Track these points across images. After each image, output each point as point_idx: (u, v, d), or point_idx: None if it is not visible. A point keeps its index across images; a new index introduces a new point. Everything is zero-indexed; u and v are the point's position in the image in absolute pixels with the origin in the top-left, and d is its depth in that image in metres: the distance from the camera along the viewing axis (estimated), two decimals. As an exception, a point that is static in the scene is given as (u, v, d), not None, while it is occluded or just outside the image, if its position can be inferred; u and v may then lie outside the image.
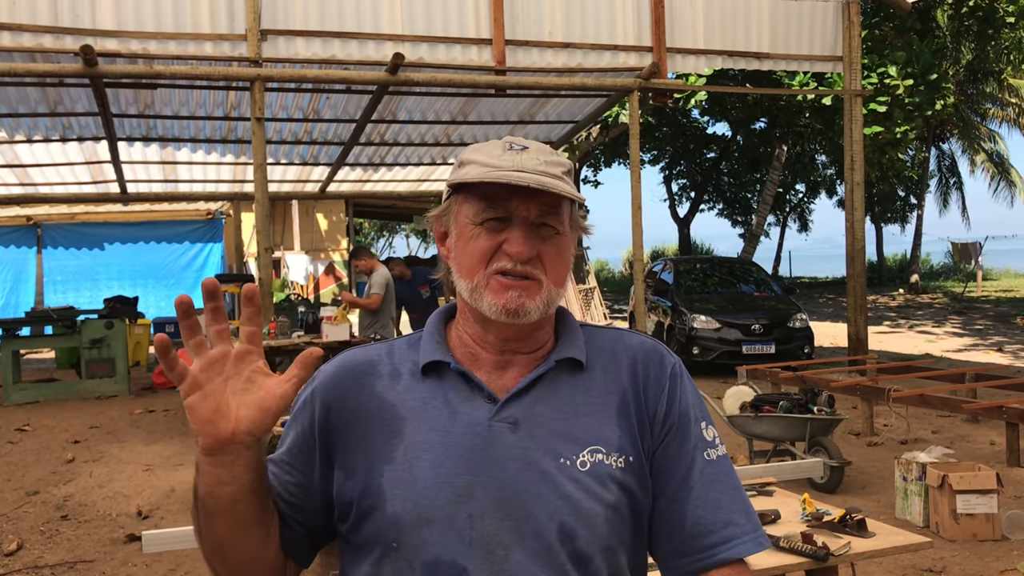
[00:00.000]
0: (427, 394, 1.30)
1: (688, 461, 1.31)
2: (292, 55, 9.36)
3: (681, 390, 1.36)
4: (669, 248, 42.08)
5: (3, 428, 8.82)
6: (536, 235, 1.27)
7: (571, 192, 1.26)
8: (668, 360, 1.37)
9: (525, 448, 1.25)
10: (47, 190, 14.80)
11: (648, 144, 30.85)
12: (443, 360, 1.31)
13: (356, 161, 14.43)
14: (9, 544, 5.32)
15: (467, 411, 1.28)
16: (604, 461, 1.26)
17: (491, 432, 1.26)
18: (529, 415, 1.28)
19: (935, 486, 5.20)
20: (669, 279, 13.83)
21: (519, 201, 1.25)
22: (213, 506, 1.19)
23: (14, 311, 16.38)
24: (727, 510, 1.30)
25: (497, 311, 1.26)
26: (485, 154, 1.28)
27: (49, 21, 8.64)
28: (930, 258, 40.77)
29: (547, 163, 1.27)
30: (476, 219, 1.27)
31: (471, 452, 1.25)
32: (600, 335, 1.40)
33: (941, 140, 31.92)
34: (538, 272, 1.27)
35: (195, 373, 1.13)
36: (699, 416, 1.35)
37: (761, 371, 8.87)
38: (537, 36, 10.09)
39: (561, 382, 1.32)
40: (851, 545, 2.78)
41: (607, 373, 1.34)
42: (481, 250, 1.27)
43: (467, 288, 1.29)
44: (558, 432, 1.27)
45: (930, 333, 17.35)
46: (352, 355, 1.38)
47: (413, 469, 1.25)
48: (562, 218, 1.29)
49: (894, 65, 15.25)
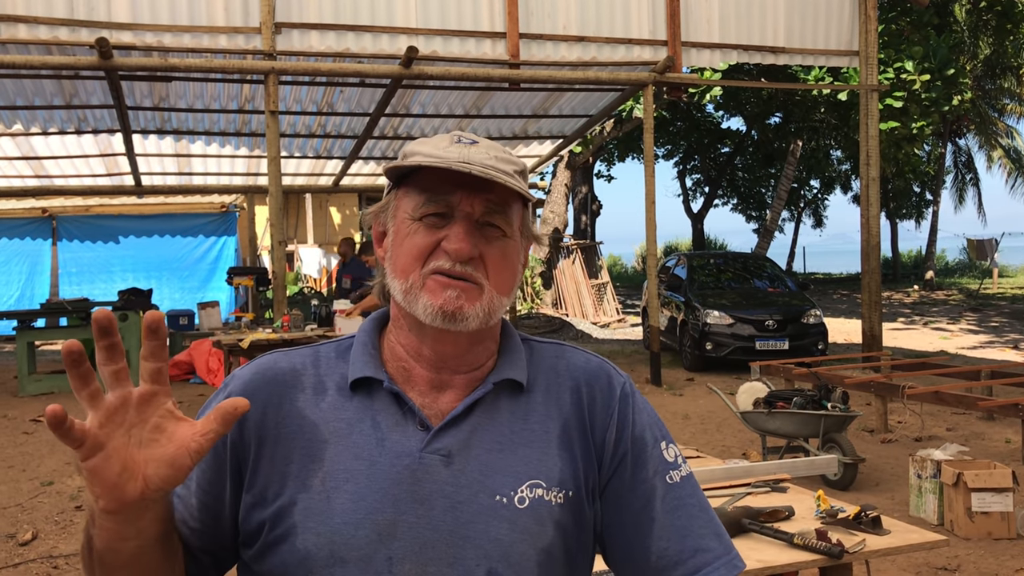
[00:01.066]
0: (354, 415, 1.17)
1: (647, 489, 1.20)
2: (306, 48, 9.37)
3: (634, 412, 1.24)
4: (683, 243, 41.98)
5: (18, 419, 8.88)
6: (479, 234, 1.15)
7: (520, 187, 1.14)
8: (616, 380, 1.26)
9: (457, 484, 1.13)
10: (62, 182, 14.89)
11: (662, 139, 30.76)
12: (375, 377, 1.18)
13: (370, 155, 14.46)
14: (24, 534, 5.35)
15: (396, 438, 1.15)
16: (544, 497, 1.15)
17: (421, 465, 1.14)
18: (464, 446, 1.15)
19: (950, 484, 5.17)
20: (682, 274, 13.79)
21: (463, 195, 1.14)
22: (113, 560, 1.05)
23: (29, 302, 16.50)
24: (695, 536, 1.19)
25: (433, 313, 1.13)
26: (431, 146, 1.16)
27: (65, 14, 8.68)
28: (945, 254, 40.55)
29: (497, 159, 1.16)
30: (415, 214, 1.16)
31: (397, 486, 1.12)
32: (542, 352, 1.28)
33: (958, 136, 31.74)
34: (479, 275, 1.15)
35: (93, 431, 0.93)
36: (657, 437, 1.24)
37: (775, 367, 8.83)
38: (551, 30, 10.07)
39: (500, 407, 1.20)
40: (866, 542, 2.76)
41: (548, 396, 1.22)
42: (418, 247, 1.15)
43: (401, 289, 1.17)
44: (495, 465, 1.15)
45: (945, 330, 17.25)
46: (272, 362, 1.23)
47: (331, 500, 1.12)
48: (510, 218, 1.17)
49: (911, 60, 15.14)
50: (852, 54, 11.27)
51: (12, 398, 10.31)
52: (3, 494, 6.27)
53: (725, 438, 7.82)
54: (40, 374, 11.24)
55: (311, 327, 9.37)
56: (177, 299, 17.26)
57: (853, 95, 15.13)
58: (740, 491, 3.23)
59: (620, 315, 20.04)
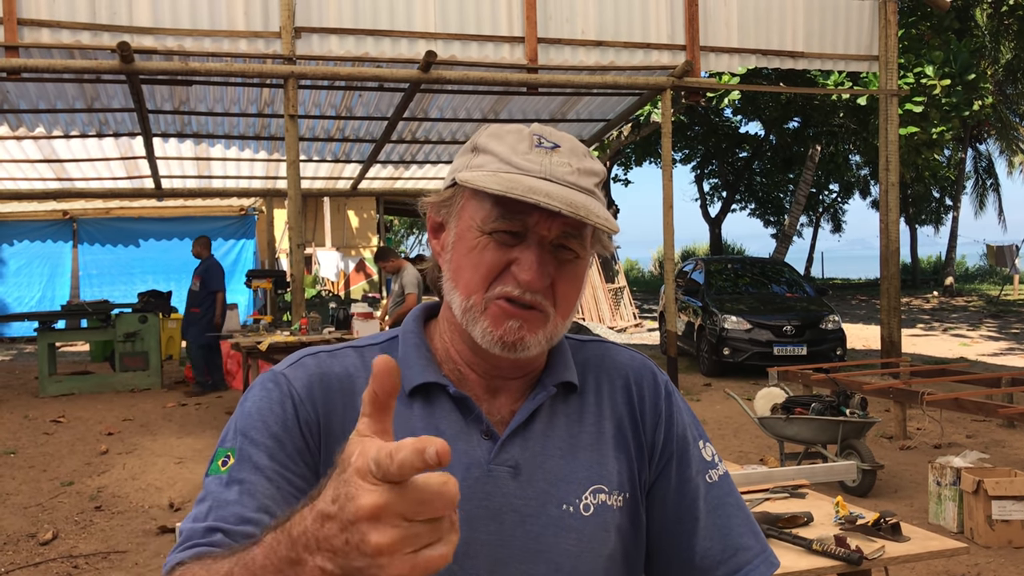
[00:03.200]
0: (418, 424, 1.10)
1: (692, 489, 1.19)
2: (325, 52, 9.41)
3: (676, 411, 1.22)
4: (700, 248, 41.86)
5: (39, 419, 8.96)
6: (552, 258, 1.07)
7: (606, 226, 1.04)
8: (660, 378, 1.23)
9: (525, 496, 1.09)
10: (83, 185, 15.01)
11: (680, 143, 30.70)
12: (438, 383, 1.11)
13: (388, 159, 14.50)
14: (45, 533, 5.39)
15: (463, 448, 1.09)
16: (607, 502, 1.13)
17: (490, 478, 1.08)
18: (529, 455, 1.11)
19: (970, 491, 5.13)
20: (700, 279, 13.76)
21: (540, 217, 1.05)
22: None
23: (50, 304, 16.63)
24: (735, 534, 1.20)
25: (491, 342, 1.07)
26: (507, 146, 1.07)
27: (87, 18, 8.76)
28: (965, 260, 40.23)
29: (580, 171, 1.07)
30: (484, 226, 1.07)
31: (469, 502, 1.05)
32: (586, 350, 1.23)
33: (978, 141, 31.50)
34: (547, 304, 1.08)
35: (394, 507, 0.67)
36: (696, 436, 1.23)
37: (793, 373, 8.79)
38: (570, 34, 10.07)
39: (557, 411, 1.16)
40: (885, 549, 2.75)
41: (600, 396, 1.19)
42: (486, 266, 1.07)
43: (461, 306, 1.09)
44: (559, 472, 1.12)
45: (965, 336, 17.12)
46: (323, 363, 1.11)
47: None
48: (584, 241, 1.10)
49: (931, 65, 15.06)
50: (872, 59, 11.21)
51: (33, 399, 10.40)
52: (24, 494, 6.33)
53: (743, 444, 7.79)
54: (60, 375, 11.33)
55: (329, 330, 9.41)
56: (196, 301, 17.35)
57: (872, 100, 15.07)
58: (758, 497, 3.22)
59: (637, 320, 20.00)
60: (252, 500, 0.99)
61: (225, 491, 1.00)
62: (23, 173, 14.10)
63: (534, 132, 1.10)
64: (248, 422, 1.05)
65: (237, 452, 1.03)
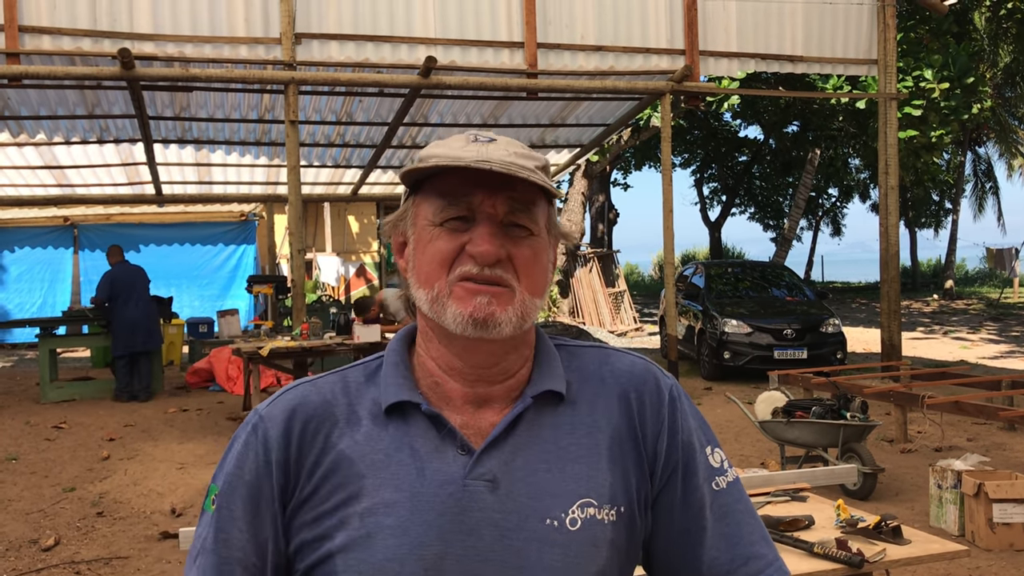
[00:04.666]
0: (390, 444, 1.10)
1: (698, 498, 1.17)
2: (326, 58, 9.43)
3: (682, 418, 1.19)
4: (700, 252, 41.88)
5: (40, 425, 8.96)
6: (505, 235, 1.09)
7: (543, 182, 1.08)
8: (664, 384, 1.20)
9: (505, 511, 1.08)
10: (84, 191, 15.04)
11: (679, 147, 30.73)
12: (411, 400, 1.12)
13: (388, 164, 14.52)
14: (47, 539, 5.40)
15: (437, 466, 1.09)
16: (596, 516, 1.10)
17: (466, 492, 1.08)
18: (509, 468, 1.10)
19: (971, 494, 5.14)
20: (700, 283, 13.76)
21: (483, 195, 1.08)
22: None
23: (51, 310, 16.63)
24: (745, 543, 1.17)
25: (463, 322, 1.07)
26: (446, 147, 1.10)
27: (88, 25, 8.78)
28: (965, 264, 40.24)
29: (516, 154, 1.09)
30: (435, 219, 1.10)
31: (442, 517, 1.06)
32: (583, 357, 1.21)
33: (977, 144, 31.52)
34: (509, 277, 1.08)
35: None
36: (703, 442, 1.20)
37: (793, 376, 8.79)
38: (569, 39, 10.09)
39: (543, 421, 1.13)
40: (886, 552, 2.76)
41: (594, 406, 1.16)
42: (441, 253, 1.09)
43: (427, 299, 1.10)
44: (543, 486, 1.10)
45: (965, 339, 17.12)
46: (303, 396, 1.15)
47: (373, 537, 1.06)
48: (535, 216, 1.11)
49: (930, 68, 15.06)
50: (871, 62, 11.23)
51: (34, 404, 10.40)
52: (26, 500, 6.33)
53: (743, 447, 7.79)
54: (62, 381, 11.33)
55: (329, 335, 9.41)
56: (197, 307, 17.37)
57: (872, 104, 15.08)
58: (760, 500, 3.23)
59: (637, 324, 20.00)
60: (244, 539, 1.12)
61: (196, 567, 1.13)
62: (24, 179, 14.12)
63: (471, 132, 1.14)
64: (227, 482, 1.14)
65: (215, 515, 1.13)
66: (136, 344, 10.53)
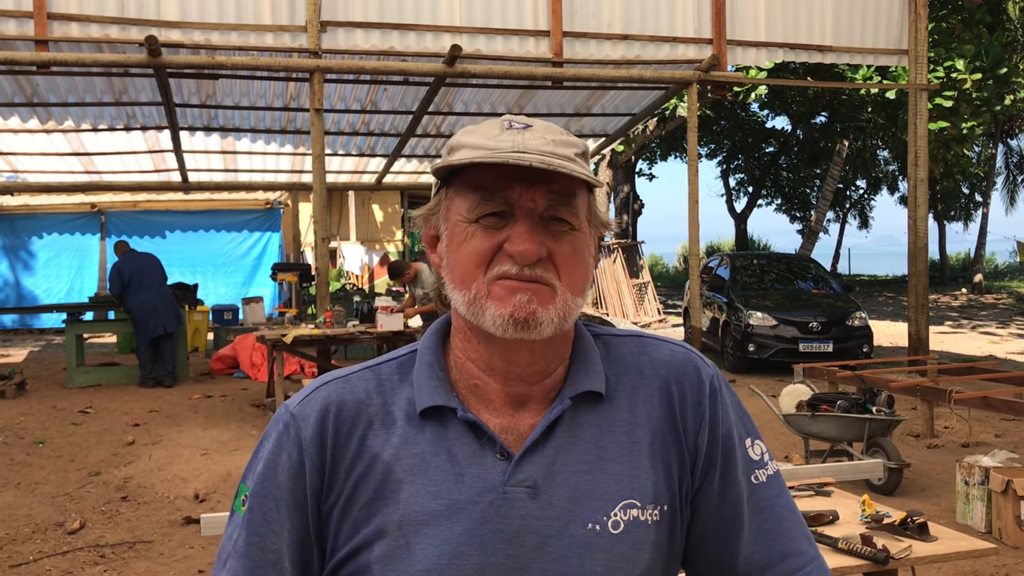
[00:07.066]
0: (427, 448, 1.07)
1: (737, 493, 1.13)
2: (351, 47, 9.43)
3: (722, 409, 1.15)
4: (725, 243, 41.63)
5: (67, 410, 9.06)
6: (545, 231, 1.04)
7: (585, 174, 1.02)
8: (705, 374, 1.15)
9: (546, 517, 1.05)
10: (111, 178, 15.16)
11: (706, 137, 30.55)
12: (447, 405, 1.08)
13: (412, 153, 14.53)
14: (72, 523, 5.45)
15: (476, 472, 1.05)
16: (639, 518, 1.07)
17: (506, 500, 1.04)
18: (549, 473, 1.06)
19: (999, 491, 5.07)
20: (725, 275, 13.68)
21: (522, 190, 1.02)
22: None
23: (78, 296, 16.81)
24: (784, 539, 1.13)
25: (503, 323, 1.02)
26: (479, 135, 1.05)
27: (115, 12, 8.82)
28: (995, 257, 39.78)
29: (555, 143, 1.04)
30: (470, 215, 1.05)
31: (482, 526, 1.03)
32: (620, 348, 1.16)
33: (1010, 136, 31.10)
34: (550, 276, 1.03)
35: None
36: (743, 434, 1.16)
37: (818, 370, 8.71)
38: (595, 28, 10.03)
39: (581, 421, 1.10)
40: (912, 549, 2.72)
41: (634, 400, 1.12)
42: (477, 252, 1.04)
43: (463, 301, 1.06)
44: (584, 489, 1.06)
45: (994, 334, 16.91)
46: (336, 394, 1.11)
47: (412, 547, 1.03)
48: (577, 210, 1.06)
49: (962, 59, 14.85)
50: (901, 53, 11.08)
51: (61, 389, 10.52)
52: (52, 483, 6.40)
53: (768, 441, 7.73)
54: (88, 366, 11.45)
55: (353, 323, 9.44)
56: (222, 294, 17.49)
57: (901, 94, 14.92)
58: (783, 494, 3.19)
59: (661, 315, 19.92)
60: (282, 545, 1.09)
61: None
62: (52, 166, 14.25)
63: (505, 118, 1.07)
64: (259, 483, 1.10)
65: (246, 517, 1.10)
66: (154, 329, 10.57)
